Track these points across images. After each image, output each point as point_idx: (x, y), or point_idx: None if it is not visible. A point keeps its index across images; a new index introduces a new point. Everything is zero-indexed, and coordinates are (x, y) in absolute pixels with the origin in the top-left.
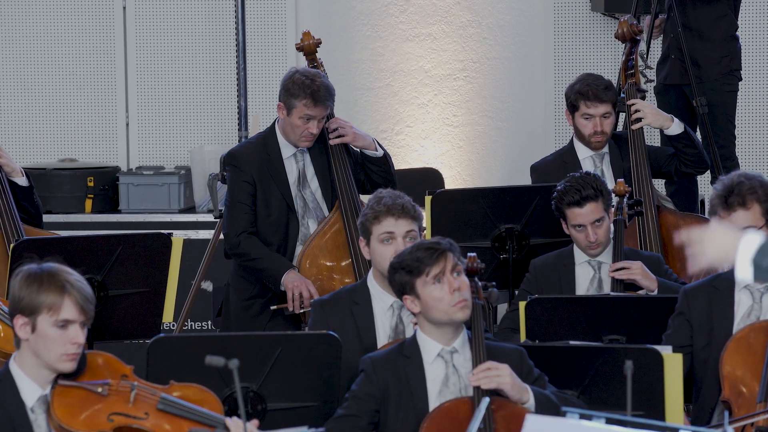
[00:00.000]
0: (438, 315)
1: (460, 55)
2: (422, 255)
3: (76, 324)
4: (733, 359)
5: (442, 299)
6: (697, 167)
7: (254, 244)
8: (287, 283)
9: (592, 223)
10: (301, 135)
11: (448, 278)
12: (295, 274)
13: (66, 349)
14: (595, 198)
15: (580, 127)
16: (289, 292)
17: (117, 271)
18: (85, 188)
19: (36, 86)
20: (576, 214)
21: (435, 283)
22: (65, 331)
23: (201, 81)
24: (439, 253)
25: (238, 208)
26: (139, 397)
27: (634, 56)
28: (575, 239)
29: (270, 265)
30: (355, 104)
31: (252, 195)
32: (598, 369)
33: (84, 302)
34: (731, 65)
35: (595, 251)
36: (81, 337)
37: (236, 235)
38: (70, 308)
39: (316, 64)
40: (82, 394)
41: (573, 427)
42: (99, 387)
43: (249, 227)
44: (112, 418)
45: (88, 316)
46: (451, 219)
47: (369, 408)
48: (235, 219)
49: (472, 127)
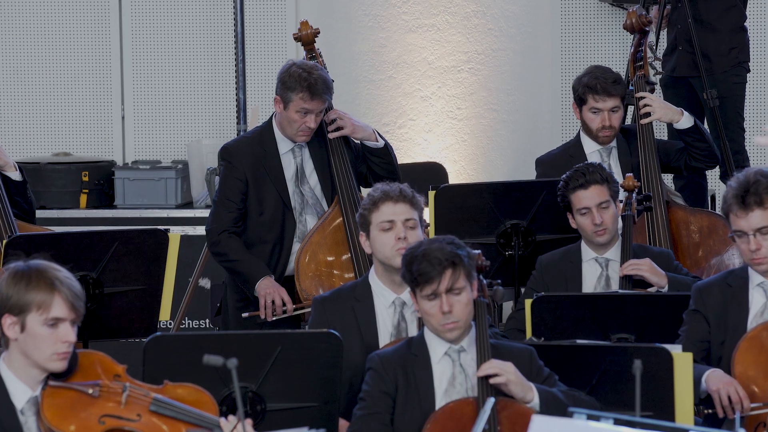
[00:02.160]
0: (429, 327)
1: (465, 46)
2: (424, 268)
3: (67, 322)
4: (745, 359)
5: (433, 316)
6: (707, 162)
7: (234, 246)
8: (260, 289)
9: (598, 206)
10: (298, 129)
11: (441, 298)
12: (270, 281)
13: (57, 348)
14: (600, 182)
15: (588, 121)
16: (262, 299)
17: (112, 268)
18: (79, 183)
19: (29, 78)
20: (581, 197)
21: (429, 299)
22: (55, 329)
23: (198, 73)
24: (439, 271)
25: (225, 206)
26: (131, 398)
27: (643, 48)
28: (581, 228)
29: (246, 269)
30: (357, 97)
31: (243, 193)
32: (606, 368)
33: (74, 299)
34: (740, 57)
35: (602, 238)
36: (72, 335)
37: (218, 233)
38: (60, 306)
39: (315, 55)
40: (72, 395)
41: (580, 428)
42: (90, 388)
43: (233, 226)
44: (103, 420)
45: (78, 314)
46: (455, 214)
47: (387, 405)
48: (219, 216)
49: (476, 121)
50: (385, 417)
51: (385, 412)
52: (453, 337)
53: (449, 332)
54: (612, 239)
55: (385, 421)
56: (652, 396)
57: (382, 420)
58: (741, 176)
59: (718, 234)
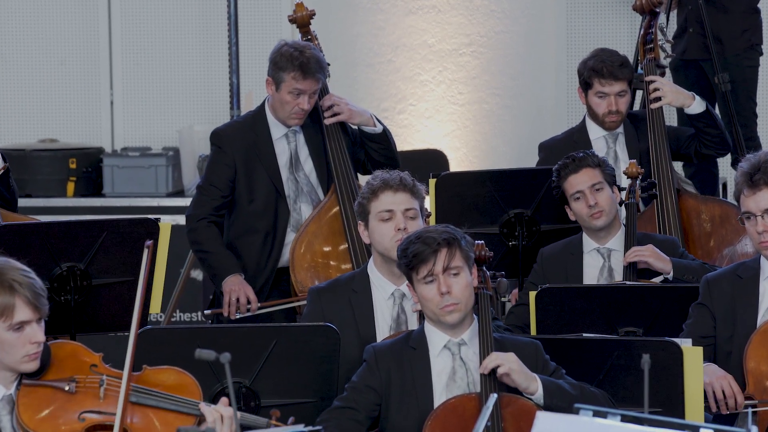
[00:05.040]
0: (429, 314)
1: (467, 28)
2: (418, 249)
3: (33, 323)
4: (758, 354)
5: (431, 300)
6: (718, 149)
7: (210, 236)
8: (226, 286)
9: (590, 188)
10: (291, 112)
11: (438, 278)
12: (237, 278)
13: (27, 350)
14: (592, 165)
15: (594, 105)
16: (226, 296)
17: (101, 259)
18: (66, 170)
19: (13, 61)
20: (573, 182)
21: (426, 282)
22: (22, 332)
23: (190, 56)
24: (432, 251)
25: (209, 192)
26: (109, 391)
27: (653, 29)
28: (578, 215)
29: (216, 263)
30: (355, 81)
31: (231, 181)
32: (613, 363)
33: (36, 299)
34: (753, 39)
35: (599, 221)
36: (39, 334)
37: (197, 219)
38: (22, 309)
39: (310, 38)
40: (49, 393)
41: (586, 425)
42: (66, 384)
43: (213, 214)
44: (83, 417)
45: (42, 312)
46: (456, 203)
47: (368, 401)
48: (201, 203)
49: (479, 106)
50: (359, 414)
51: (363, 408)
52: (453, 321)
53: (449, 315)
54: (612, 224)
55: (358, 418)
56: (661, 392)
57: (355, 416)
58: (752, 157)
59: (731, 223)
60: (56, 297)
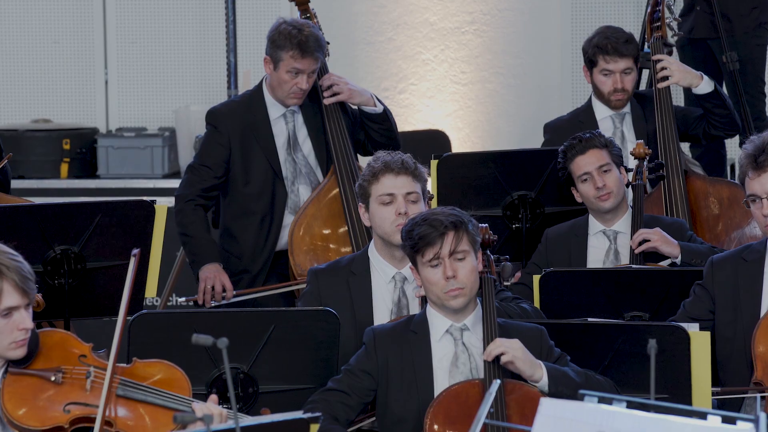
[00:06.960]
0: (432, 298)
1: (469, 6)
2: (424, 231)
3: (21, 308)
4: (767, 339)
5: (436, 284)
6: (727, 129)
7: (194, 220)
8: (202, 274)
9: (598, 169)
10: (289, 91)
11: (444, 262)
12: (214, 267)
13: (14, 337)
14: (599, 146)
15: (599, 84)
16: (201, 284)
17: (95, 241)
18: (60, 151)
19: (6, 40)
20: (580, 164)
21: (431, 265)
22: (10, 318)
23: (187, 35)
24: (439, 234)
25: (200, 173)
26: (96, 383)
27: (660, 7)
28: (585, 197)
29: (197, 249)
30: (355, 60)
31: (225, 162)
32: (618, 348)
33: (24, 283)
34: (762, 18)
35: (607, 203)
36: (28, 321)
37: (185, 200)
38: (10, 294)
39: (309, 15)
40: (34, 382)
41: (591, 411)
42: (52, 375)
43: (202, 196)
44: (68, 408)
45: (30, 297)
46: (459, 185)
47: (361, 386)
48: (190, 182)
49: (481, 85)
50: (350, 398)
51: (356, 392)
52: (458, 306)
53: (453, 299)
54: (619, 206)
55: (348, 402)
56: (668, 378)
57: (345, 400)
58: (756, 138)
59: (740, 205)
60: (50, 281)
